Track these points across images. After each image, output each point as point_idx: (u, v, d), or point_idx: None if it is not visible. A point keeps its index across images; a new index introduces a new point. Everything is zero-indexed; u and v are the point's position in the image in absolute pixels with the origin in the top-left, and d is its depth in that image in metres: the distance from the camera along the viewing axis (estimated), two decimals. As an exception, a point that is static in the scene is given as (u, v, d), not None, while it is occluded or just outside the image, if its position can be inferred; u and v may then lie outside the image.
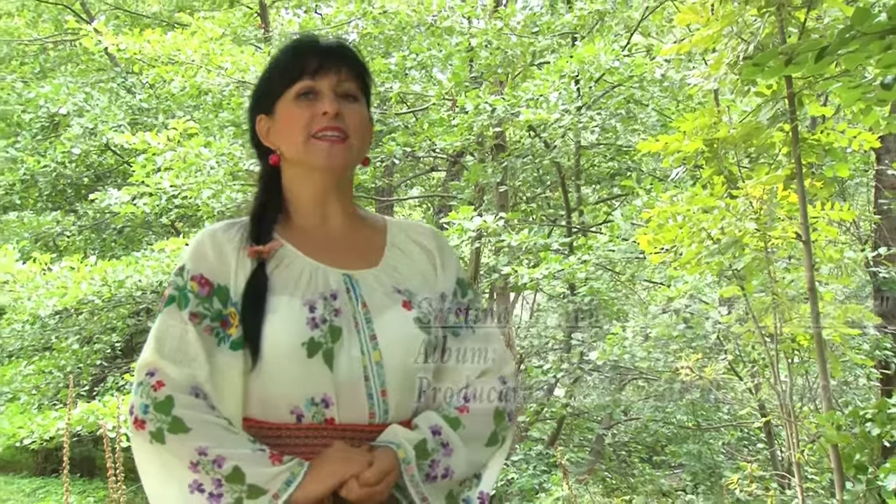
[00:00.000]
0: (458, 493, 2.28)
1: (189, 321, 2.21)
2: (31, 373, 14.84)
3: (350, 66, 2.34)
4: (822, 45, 3.80)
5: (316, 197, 2.33)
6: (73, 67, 17.25)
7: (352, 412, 2.20)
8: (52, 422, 12.70)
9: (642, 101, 13.49)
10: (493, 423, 2.33)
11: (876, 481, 6.79)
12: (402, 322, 2.26)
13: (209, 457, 2.11)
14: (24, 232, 16.41)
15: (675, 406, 13.85)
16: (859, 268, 12.14)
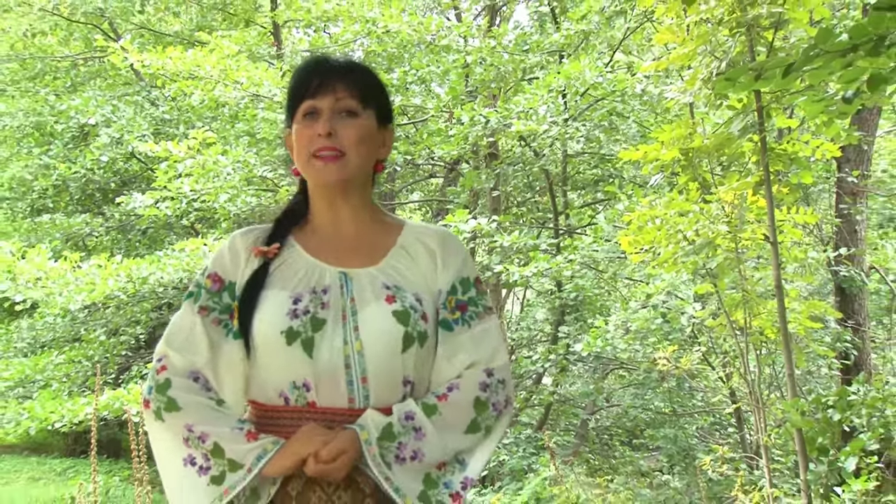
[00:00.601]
0: (437, 477, 2.26)
1: (198, 314, 2.28)
2: (61, 362, 14.82)
3: (348, 83, 2.34)
4: (789, 62, 3.80)
5: (326, 204, 2.37)
6: (101, 82, 17.25)
7: (331, 397, 2.22)
8: (81, 407, 12.70)
9: (624, 114, 13.49)
10: (472, 411, 2.31)
11: (837, 463, 6.81)
12: (382, 314, 2.26)
13: (195, 433, 2.18)
14: (56, 232, 16.45)
15: (653, 393, 13.87)
16: (822, 267, 12.16)
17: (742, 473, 8.69)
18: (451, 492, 2.27)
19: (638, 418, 14.32)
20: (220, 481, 2.15)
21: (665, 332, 10.33)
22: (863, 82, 3.73)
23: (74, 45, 17.36)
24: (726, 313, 7.29)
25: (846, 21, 9.62)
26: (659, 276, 9.99)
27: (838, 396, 6.31)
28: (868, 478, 6.75)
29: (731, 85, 4.92)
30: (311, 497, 2.18)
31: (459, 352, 2.35)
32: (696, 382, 13.29)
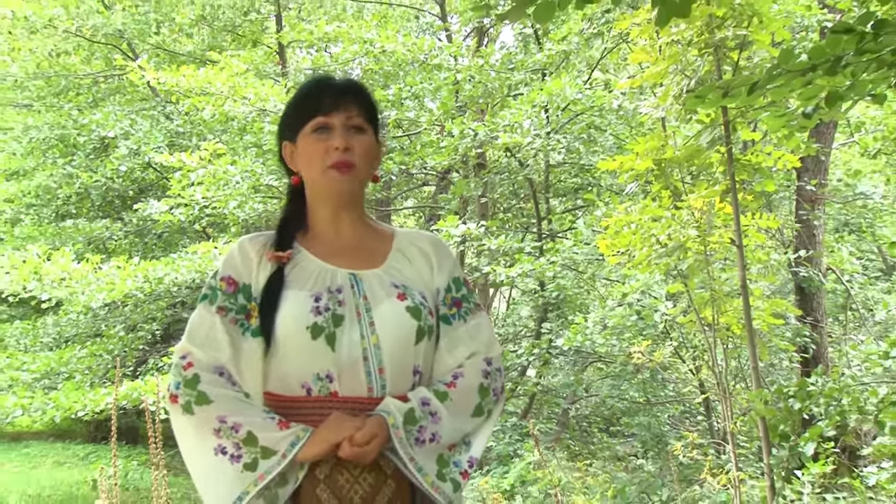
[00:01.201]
0: (448, 457, 2.29)
1: (216, 314, 2.27)
2: (84, 356, 14.84)
3: (359, 102, 2.37)
4: (753, 80, 3.80)
5: (330, 213, 2.38)
6: (120, 98, 17.23)
7: (352, 386, 2.23)
8: (102, 397, 12.71)
9: (601, 127, 13.51)
10: (477, 397, 2.36)
11: (797, 448, 6.81)
12: (396, 311, 2.29)
13: (228, 424, 2.17)
14: (79, 236, 16.50)
15: (628, 384, 13.85)
16: (783, 268, 12.15)
17: (710, 458, 8.71)
18: (461, 470, 2.31)
19: (614, 407, 14.31)
20: (254, 467, 2.15)
21: (639, 328, 10.34)
22: (821, 99, 3.73)
23: (96, 63, 17.34)
24: (696, 311, 7.30)
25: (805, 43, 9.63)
26: (634, 277, 9.99)
27: (798, 387, 6.31)
28: (825, 462, 6.78)
29: (700, 101, 4.93)
30: (339, 479, 2.19)
31: (459, 344, 2.39)
32: (667, 374, 13.28)
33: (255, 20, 16.91)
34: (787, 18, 8.65)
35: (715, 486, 7.91)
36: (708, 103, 5.08)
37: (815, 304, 13.41)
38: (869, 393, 5.99)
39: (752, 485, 7.01)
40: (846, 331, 16.19)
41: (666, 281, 8.79)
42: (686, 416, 13.63)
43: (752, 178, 6.86)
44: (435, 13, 16.13)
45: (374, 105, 2.44)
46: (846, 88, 3.65)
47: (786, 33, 6.79)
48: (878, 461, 6.33)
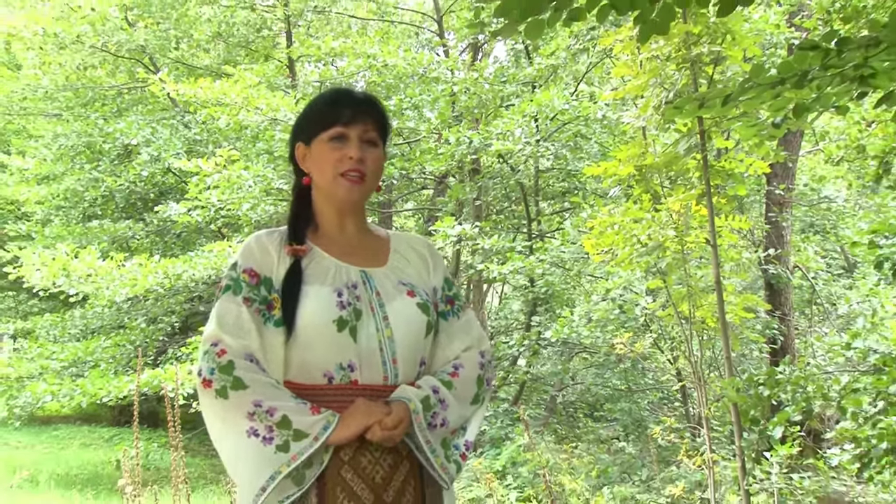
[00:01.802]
0: (450, 441, 2.33)
1: (243, 304, 2.27)
2: (108, 346, 14.86)
3: (375, 118, 2.39)
4: (727, 93, 3.81)
5: (337, 215, 2.40)
6: (142, 108, 17.23)
7: (370, 375, 2.25)
8: (125, 384, 12.76)
9: (587, 136, 13.50)
10: (475, 386, 2.40)
11: (766, 432, 6.81)
12: (408, 307, 2.32)
13: (263, 408, 2.17)
14: (104, 236, 16.52)
15: (611, 373, 13.87)
16: (754, 266, 12.16)
17: (686, 441, 8.71)
18: (460, 453, 2.36)
19: (598, 394, 14.32)
20: (286, 449, 2.15)
21: (621, 321, 10.34)
22: (789, 110, 3.74)
23: (120, 76, 17.34)
24: (673, 305, 7.30)
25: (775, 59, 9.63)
26: (616, 274, 10.00)
27: (767, 376, 6.31)
28: (792, 444, 6.79)
29: (678, 112, 4.93)
30: (362, 461, 2.21)
31: (455, 338, 2.42)
32: (647, 364, 13.31)
33: (267, 36, 16.91)
34: (757, 36, 8.66)
35: (690, 467, 7.92)
36: (685, 114, 5.08)
37: (783, 299, 13.44)
38: (832, 381, 5.99)
39: (725, 465, 7.02)
40: (811, 324, 16.24)
41: (646, 277, 8.79)
42: (664, 402, 13.64)
43: (725, 183, 6.86)
44: (433, 30, 16.11)
45: (387, 121, 2.46)
46: (812, 101, 3.66)
47: (757, 50, 6.79)
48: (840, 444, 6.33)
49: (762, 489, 6.83)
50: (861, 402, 5.60)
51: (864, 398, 5.59)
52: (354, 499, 2.19)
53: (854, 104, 4.27)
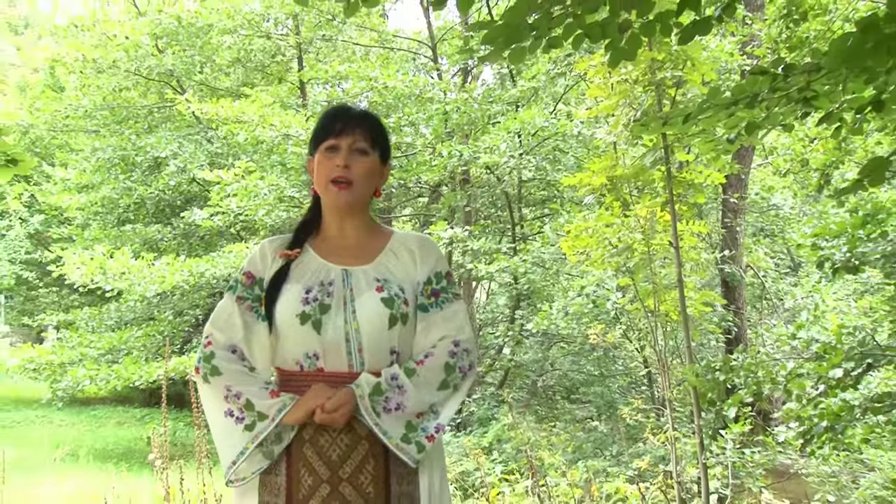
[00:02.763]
0: (416, 423, 2.28)
1: (235, 302, 2.34)
2: (140, 336, 14.89)
3: (365, 129, 2.38)
4: (687, 112, 3.81)
5: (336, 218, 2.40)
6: (170, 125, 17.23)
7: (335, 363, 2.25)
8: (154, 369, 12.81)
9: (564, 150, 13.50)
10: (443, 373, 2.33)
11: (721, 412, 6.82)
12: (373, 301, 2.29)
13: (233, 392, 2.23)
14: (136, 238, 16.62)
15: (585, 360, 13.85)
16: (711, 265, 12.16)
17: (651, 420, 8.71)
18: (427, 434, 2.29)
19: (574, 379, 14.30)
20: (252, 428, 2.20)
21: (595, 314, 10.34)
22: (742, 128, 3.74)
23: (151, 97, 17.35)
24: (640, 300, 7.30)
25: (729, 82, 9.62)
26: (590, 272, 9.99)
27: (723, 362, 6.32)
28: (744, 423, 6.78)
29: (644, 129, 4.94)
30: (320, 440, 2.22)
31: (433, 329, 2.37)
32: (617, 352, 13.31)
33: (281, 61, 16.91)
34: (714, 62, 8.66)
35: (655, 443, 7.92)
36: (650, 131, 5.09)
37: (737, 294, 13.48)
38: (779, 367, 6.00)
39: (685, 442, 7.02)
40: (761, 316, 16.28)
41: (616, 276, 8.78)
42: (632, 386, 13.63)
43: (686, 192, 6.86)
44: (428, 56, 16.10)
45: (380, 132, 2.43)
46: (762, 119, 3.66)
47: (713, 74, 6.81)
48: (786, 422, 6.33)
49: (718, 462, 6.83)
50: (804, 386, 5.61)
51: (807, 382, 5.60)
52: (313, 473, 2.20)
53: (798, 123, 4.27)
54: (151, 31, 15.86)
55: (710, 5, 3.29)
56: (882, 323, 6.37)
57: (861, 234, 5.54)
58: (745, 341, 12.87)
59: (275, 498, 2.22)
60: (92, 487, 8.91)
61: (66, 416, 18.12)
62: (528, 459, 6.23)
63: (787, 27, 8.24)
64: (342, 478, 2.21)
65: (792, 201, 16.20)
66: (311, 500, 2.19)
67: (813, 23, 7.97)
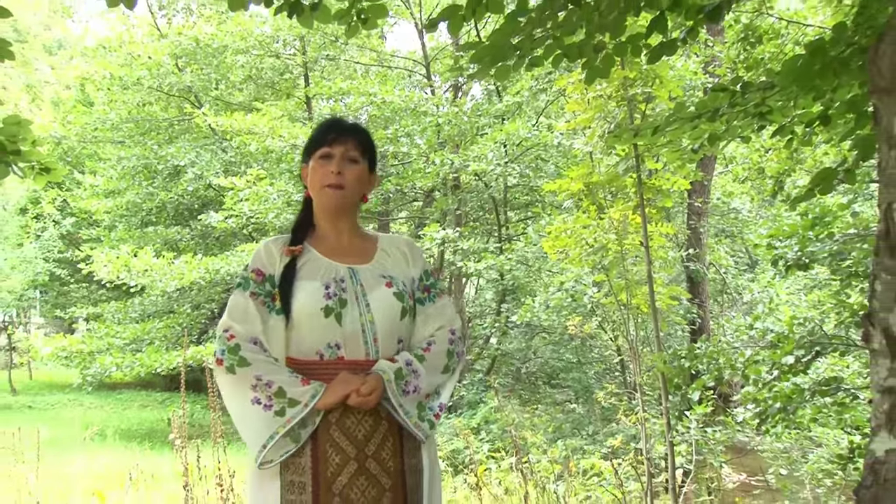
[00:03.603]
0: (425, 403, 2.33)
1: (249, 298, 2.29)
2: (161, 327, 14.89)
3: (356, 139, 2.39)
4: (656, 125, 3.82)
5: (330, 221, 2.40)
6: (188, 136, 17.19)
7: (354, 352, 2.26)
8: (174, 357, 12.81)
9: (545, 158, 13.51)
10: (445, 358, 2.39)
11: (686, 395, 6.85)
12: (386, 295, 2.32)
13: (263, 381, 2.19)
14: (157, 239, 16.63)
15: (564, 349, 13.87)
16: (678, 263, 12.19)
17: (624, 403, 8.74)
18: (434, 413, 2.35)
19: (554, 366, 14.32)
20: (283, 414, 2.17)
21: (573, 307, 10.34)
22: (704, 139, 3.76)
23: (171, 110, 17.32)
24: (614, 294, 7.32)
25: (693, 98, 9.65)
26: (569, 269, 10.00)
27: (688, 351, 6.34)
28: (707, 405, 6.82)
29: (618, 140, 4.95)
30: (347, 422, 2.22)
31: (430, 320, 2.41)
32: (593, 341, 13.33)
33: (289, 79, 16.89)
34: (680, 80, 8.71)
35: (627, 424, 7.95)
36: (623, 141, 5.10)
37: (701, 289, 13.52)
38: (738, 354, 6.02)
39: (654, 422, 7.04)
40: (722, 309, 16.34)
41: (592, 272, 8.79)
42: (606, 372, 13.64)
43: (655, 197, 6.87)
44: (422, 73, 16.10)
45: (370, 143, 2.44)
46: (722, 132, 3.68)
47: (679, 91, 6.82)
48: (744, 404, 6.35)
49: (683, 440, 6.86)
50: (760, 371, 5.63)
51: (763, 368, 5.62)
52: (340, 452, 2.21)
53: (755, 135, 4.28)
54: (172, 51, 15.88)
55: (675, 29, 3.30)
56: (829, 315, 6.41)
57: (810, 235, 5.57)
58: (708, 331, 12.92)
59: (300, 477, 2.21)
60: (118, 464, 8.91)
61: (95, 400, 18.14)
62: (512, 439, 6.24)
63: (744, 49, 8.28)
64: (367, 454, 2.23)
65: (749, 205, 16.24)
66: (339, 477, 2.20)
67: (767, 45, 8.01)
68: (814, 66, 2.94)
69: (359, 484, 2.21)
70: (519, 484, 5.34)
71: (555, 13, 2.77)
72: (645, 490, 6.10)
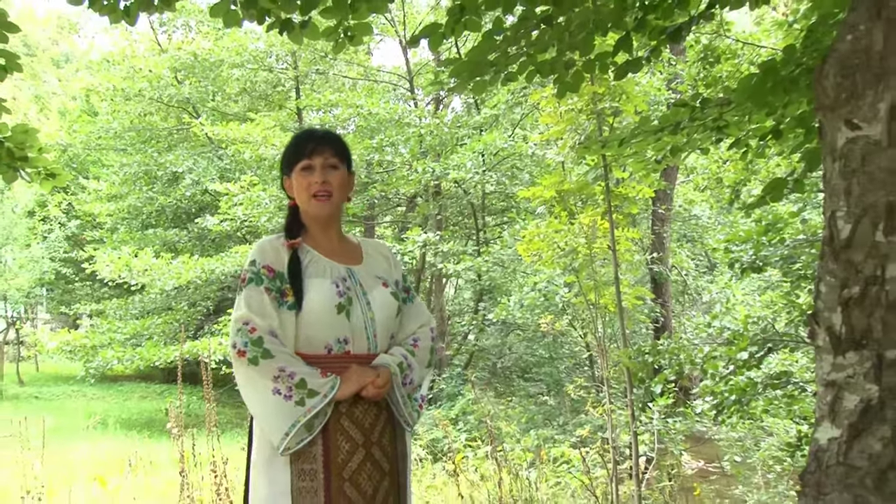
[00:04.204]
0: (412, 395, 2.37)
1: (264, 293, 2.25)
2: (160, 323, 14.86)
3: (333, 147, 2.37)
4: (623, 137, 3.84)
5: (319, 228, 2.39)
6: (186, 144, 17.15)
7: (359, 346, 2.28)
8: (172, 352, 12.76)
9: (520, 167, 13.53)
10: (429, 354, 2.43)
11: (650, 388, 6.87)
12: (385, 295, 2.35)
13: (286, 372, 2.18)
14: (157, 241, 16.61)
15: (537, 345, 13.89)
16: (642, 265, 12.24)
17: (592, 395, 8.76)
18: (418, 404, 2.40)
19: (528, 361, 14.32)
20: (303, 403, 2.17)
21: (545, 306, 10.37)
22: (667, 150, 3.78)
23: (170, 120, 17.27)
24: (584, 295, 7.33)
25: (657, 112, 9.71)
26: (542, 271, 10.03)
27: (651, 347, 6.36)
28: (668, 397, 6.85)
29: (587, 150, 4.97)
30: (355, 412, 2.24)
31: (412, 318, 2.44)
32: (564, 338, 13.35)
33: (281, 91, 16.89)
34: (645, 95, 8.74)
35: (595, 415, 7.97)
36: (592, 152, 5.13)
37: (664, 290, 13.57)
38: (697, 351, 6.05)
39: (620, 413, 7.07)
40: (683, 308, 16.39)
41: (564, 274, 8.82)
42: (576, 366, 13.68)
43: (622, 204, 6.89)
44: (406, 87, 16.12)
45: (345, 148, 2.43)
46: (684, 144, 3.70)
47: (644, 106, 6.84)
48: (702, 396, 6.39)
49: (646, 430, 6.88)
50: (717, 366, 5.67)
51: (720, 363, 5.66)
52: (350, 440, 2.22)
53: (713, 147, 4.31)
54: (171, 65, 15.91)
55: (640, 48, 3.32)
56: (780, 314, 6.46)
57: (764, 240, 5.61)
58: (670, 329, 12.97)
59: (311, 465, 2.21)
60: (118, 451, 8.88)
61: (97, 391, 18.04)
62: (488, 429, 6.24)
63: (703, 68, 8.34)
64: (373, 441, 2.26)
65: (709, 212, 16.35)
66: (349, 463, 2.22)
67: (725, 65, 8.06)
68: (766, 85, 2.97)
69: (366, 469, 2.23)
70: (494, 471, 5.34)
71: (528, 32, 2.78)
72: (610, 476, 6.12)
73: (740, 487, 6.69)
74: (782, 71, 2.96)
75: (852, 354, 1.31)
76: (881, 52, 1.30)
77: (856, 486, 1.26)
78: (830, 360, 1.35)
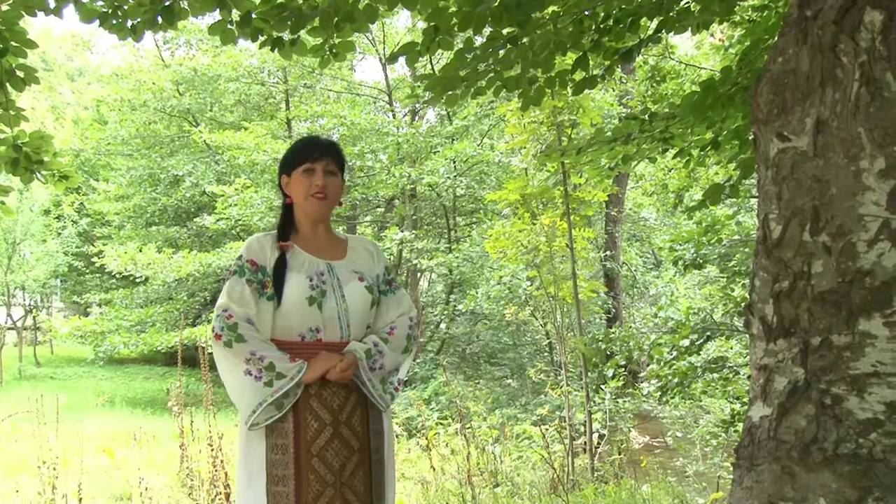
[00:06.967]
0: (387, 379, 2.33)
1: (245, 284, 2.24)
2: (162, 311, 14.78)
3: (333, 155, 2.36)
4: (580, 146, 3.86)
5: (311, 224, 2.37)
6: (187, 150, 17.03)
7: (331, 335, 2.25)
8: (172, 337, 12.70)
9: (488, 173, 13.57)
10: (405, 341, 2.39)
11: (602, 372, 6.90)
12: (359, 288, 2.31)
13: (256, 356, 2.17)
14: (159, 237, 16.56)
15: (503, 333, 13.93)
16: (597, 262, 12.30)
17: (551, 378, 8.79)
18: (394, 387, 2.37)
19: (494, 347, 14.36)
20: (271, 385, 2.16)
21: (510, 298, 10.39)
22: (619, 159, 3.79)
23: (172, 128, 17.13)
24: (544, 288, 7.36)
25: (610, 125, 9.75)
26: (507, 266, 10.05)
27: (604, 335, 6.39)
28: (618, 380, 6.88)
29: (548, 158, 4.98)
30: (324, 393, 2.21)
31: (391, 308, 2.40)
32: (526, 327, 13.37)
33: (272, 103, 16.89)
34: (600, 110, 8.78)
35: (554, 396, 7.99)
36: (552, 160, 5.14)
37: (615, 284, 13.64)
38: (645, 338, 6.09)
39: (576, 395, 7.09)
40: (633, 300, 16.49)
41: (526, 269, 8.85)
42: (537, 352, 13.71)
43: (579, 206, 6.93)
44: (385, 100, 16.13)
45: (342, 157, 2.43)
46: (634, 153, 3.72)
47: (599, 119, 6.89)
48: (649, 379, 6.44)
49: (599, 409, 6.92)
50: (662, 352, 5.70)
51: (664, 350, 5.69)
52: (318, 419, 2.20)
53: (660, 156, 4.33)
54: (174, 78, 15.88)
55: (596, 67, 3.33)
56: (718, 305, 6.52)
57: (704, 240, 5.65)
58: (621, 319, 13.05)
59: (283, 440, 2.20)
60: (125, 426, 8.83)
61: (105, 372, 17.96)
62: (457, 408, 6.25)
63: (651, 85, 8.40)
64: (341, 421, 2.23)
65: (656, 215, 16.47)
66: (317, 440, 2.20)
67: (670, 83, 8.13)
68: (707, 101, 2.99)
69: (333, 446, 2.21)
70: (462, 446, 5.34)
71: (496, 51, 2.78)
72: (567, 450, 6.14)
73: (681, 459, 6.73)
74: (720, 89, 2.98)
75: (782, 341, 1.32)
76: (807, 73, 1.31)
77: (783, 458, 1.27)
78: (763, 346, 1.36)
